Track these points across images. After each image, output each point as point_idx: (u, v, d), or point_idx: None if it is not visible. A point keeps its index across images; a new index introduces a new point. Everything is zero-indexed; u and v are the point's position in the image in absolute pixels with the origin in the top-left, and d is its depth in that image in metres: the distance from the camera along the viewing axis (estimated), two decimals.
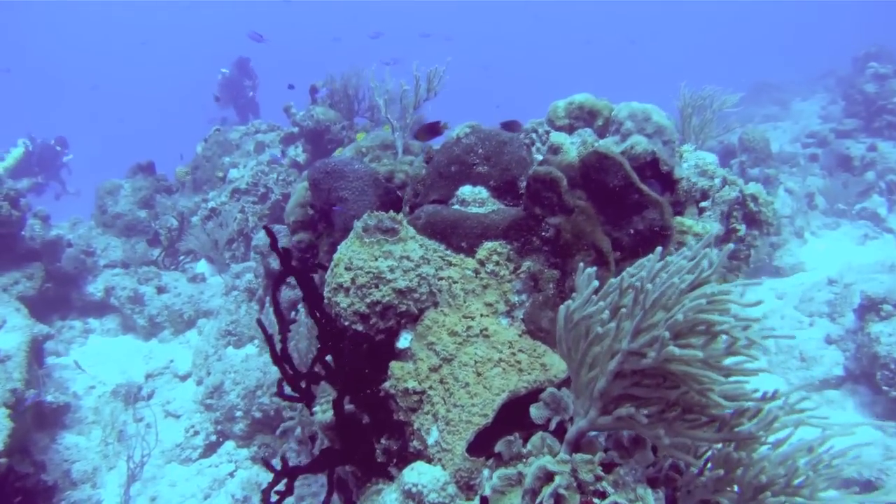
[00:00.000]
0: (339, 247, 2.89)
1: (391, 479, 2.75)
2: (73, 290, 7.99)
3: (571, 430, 2.26)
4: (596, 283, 2.15)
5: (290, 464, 2.95)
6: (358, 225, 2.93)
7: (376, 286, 2.72)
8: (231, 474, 5.72)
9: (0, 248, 7.46)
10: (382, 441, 2.86)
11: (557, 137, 3.56)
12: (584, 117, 3.89)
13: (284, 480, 2.69)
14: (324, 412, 2.78)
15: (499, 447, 2.55)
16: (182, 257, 8.32)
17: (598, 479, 2.14)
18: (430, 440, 2.61)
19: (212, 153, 8.96)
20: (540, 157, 3.62)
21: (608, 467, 2.24)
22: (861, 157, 10.17)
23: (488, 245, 2.84)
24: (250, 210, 7.66)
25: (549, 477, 2.27)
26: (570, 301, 2.15)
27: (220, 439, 5.98)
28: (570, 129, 3.90)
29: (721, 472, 2.08)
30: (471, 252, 2.89)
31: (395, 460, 2.78)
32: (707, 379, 1.91)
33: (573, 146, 3.56)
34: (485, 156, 3.01)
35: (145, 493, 5.66)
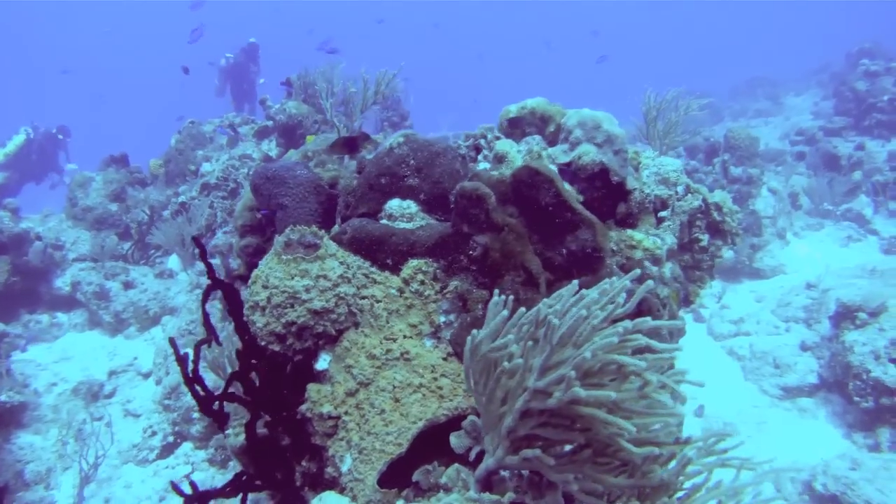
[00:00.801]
0: (260, 263, 2.76)
1: None
2: (41, 284, 7.86)
3: (480, 468, 2.13)
4: (505, 313, 2.01)
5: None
6: (279, 240, 2.79)
7: (292, 306, 2.58)
8: (187, 476, 5.61)
9: None
10: (304, 463, 2.74)
11: (503, 145, 3.41)
12: (536, 123, 3.74)
13: None
14: (236, 435, 2.65)
15: (416, 476, 2.42)
16: (152, 252, 8.18)
17: None
18: (344, 468, 2.48)
19: (185, 146, 8.79)
20: (488, 166, 3.47)
21: None
22: (848, 156, 10.01)
23: (413, 263, 2.70)
24: (219, 206, 7.51)
25: None
26: (475, 331, 2.01)
27: (178, 440, 5.87)
28: (521, 136, 3.75)
29: None
30: (396, 270, 2.75)
31: (312, 485, 2.66)
32: (615, 424, 1.78)
33: (520, 154, 3.41)
34: (416, 167, 2.86)
35: (100, 494, 5.55)
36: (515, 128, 3.78)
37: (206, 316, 2.91)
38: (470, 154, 3.68)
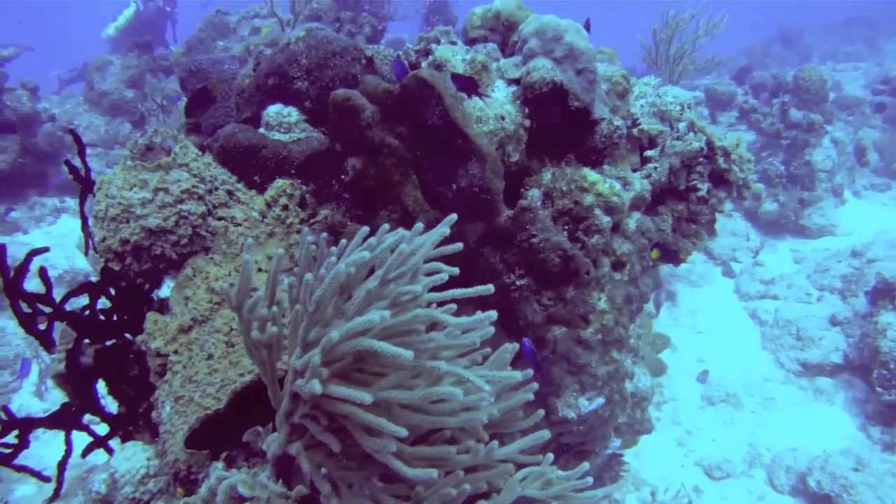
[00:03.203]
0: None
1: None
2: (50, 167, 7.78)
3: (269, 451, 1.72)
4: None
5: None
6: (139, 142, 2.37)
7: (126, 221, 2.17)
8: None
9: None
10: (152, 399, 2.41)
11: (443, 52, 2.83)
12: (500, 30, 3.12)
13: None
14: (60, 361, 2.32)
15: (247, 437, 2.05)
16: None
17: None
18: (164, 417, 2.13)
19: (206, 35, 8.38)
20: None
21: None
22: None
23: (279, 183, 2.23)
24: None
25: (240, 500, 1.77)
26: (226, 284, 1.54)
27: None
28: (484, 42, 3.14)
29: None
30: (264, 189, 2.30)
31: (151, 428, 2.34)
32: (383, 429, 1.31)
33: (463, 63, 2.82)
34: (307, 68, 2.34)
35: None
36: (479, 34, 3.17)
37: (84, 219, 2.55)
38: (415, 61, 3.11)
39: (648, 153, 3.40)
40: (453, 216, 1.49)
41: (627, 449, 4.57)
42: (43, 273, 2.14)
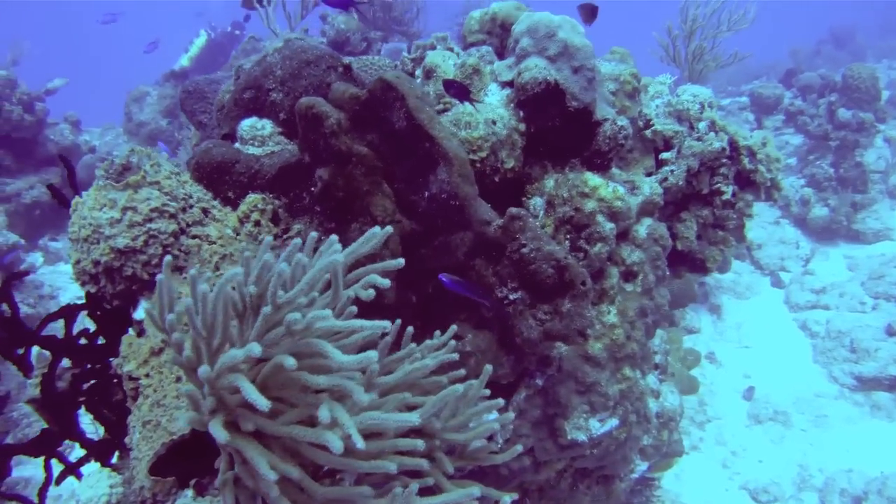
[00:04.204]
0: None
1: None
2: None
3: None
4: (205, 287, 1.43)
5: None
6: (115, 162, 2.33)
7: (97, 242, 2.12)
8: None
9: (18, 153, 7.48)
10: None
11: (434, 57, 2.71)
12: (498, 32, 3.00)
13: None
14: (35, 387, 2.27)
15: (219, 462, 1.95)
16: None
17: None
18: (134, 442, 2.05)
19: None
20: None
21: None
22: None
23: (250, 198, 2.15)
24: None
25: None
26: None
27: None
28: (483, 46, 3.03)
29: None
30: (238, 205, 2.21)
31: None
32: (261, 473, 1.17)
33: (454, 68, 2.70)
34: (281, 79, 2.26)
35: None
36: (477, 38, 3.06)
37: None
38: (410, 69, 3.02)
39: (664, 155, 3.20)
40: (378, 230, 1.36)
41: (661, 472, 4.31)
42: (8, 296, 2.10)
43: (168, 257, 1.28)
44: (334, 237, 1.43)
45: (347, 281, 1.50)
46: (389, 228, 1.35)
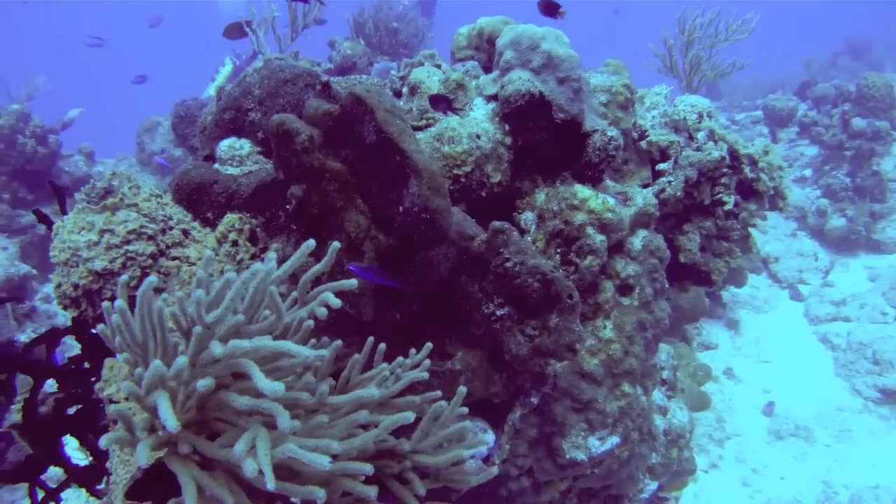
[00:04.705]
0: None
1: None
2: None
3: None
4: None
5: None
6: (97, 185, 2.33)
7: (75, 265, 2.11)
8: None
9: (33, 185, 7.60)
10: None
11: (418, 73, 2.70)
12: (485, 47, 2.98)
13: None
14: (18, 411, 2.26)
15: None
16: None
17: None
18: (112, 466, 2.01)
19: None
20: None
21: None
22: None
23: (228, 218, 2.13)
24: None
25: None
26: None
27: None
28: (472, 62, 3.01)
29: None
30: (216, 226, 2.19)
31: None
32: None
33: (438, 84, 2.68)
34: (259, 98, 2.26)
35: None
36: (465, 54, 3.04)
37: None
38: (398, 88, 3.00)
39: (661, 166, 3.14)
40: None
41: (676, 492, 4.18)
42: None
43: (151, 278, 1.25)
44: (306, 245, 1.40)
45: (308, 298, 1.46)
46: (336, 244, 1.32)
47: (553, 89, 2.52)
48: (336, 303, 1.38)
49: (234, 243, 2.09)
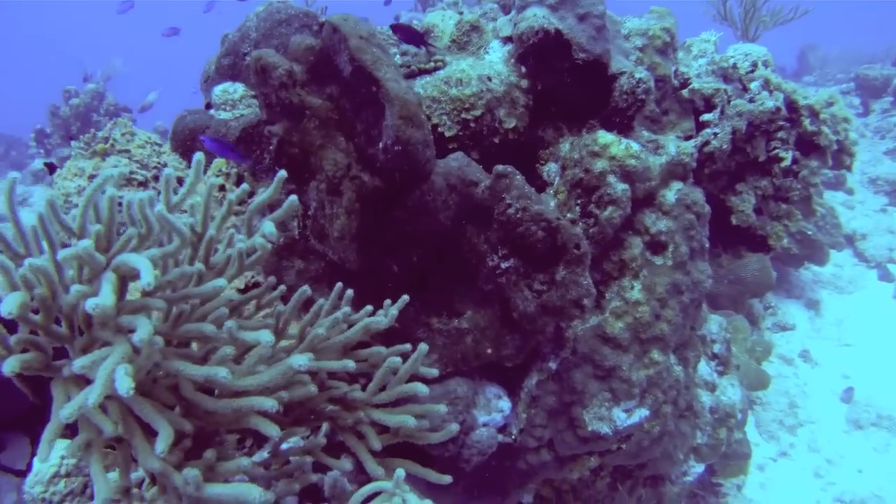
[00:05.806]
0: None
1: None
2: None
3: None
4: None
5: None
6: (98, 135, 2.30)
7: (67, 212, 2.08)
8: None
9: None
10: None
11: (433, 17, 2.53)
12: None
13: None
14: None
15: None
16: None
17: None
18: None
19: None
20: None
21: None
22: None
23: (215, 163, 2.05)
24: None
25: None
26: None
27: None
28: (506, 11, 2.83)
29: None
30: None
31: None
32: None
33: (453, 27, 2.51)
34: (256, 42, 2.16)
35: None
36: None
37: None
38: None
39: (705, 117, 2.86)
40: None
41: (732, 477, 3.88)
42: None
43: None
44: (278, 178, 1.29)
45: (255, 230, 1.35)
46: (283, 173, 1.20)
47: (572, 27, 2.30)
48: (272, 231, 1.26)
49: (221, 188, 2.01)
